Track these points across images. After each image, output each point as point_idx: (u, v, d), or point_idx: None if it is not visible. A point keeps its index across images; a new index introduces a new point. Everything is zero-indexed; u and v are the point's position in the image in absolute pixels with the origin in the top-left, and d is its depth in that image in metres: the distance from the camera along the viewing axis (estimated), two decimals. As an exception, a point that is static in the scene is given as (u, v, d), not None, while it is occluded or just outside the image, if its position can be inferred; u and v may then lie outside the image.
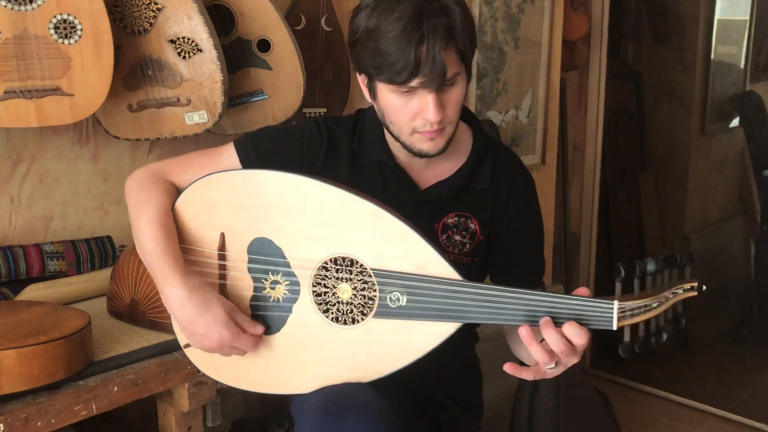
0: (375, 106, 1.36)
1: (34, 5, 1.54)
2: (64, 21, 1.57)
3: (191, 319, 1.23)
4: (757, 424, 2.86)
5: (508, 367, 1.15)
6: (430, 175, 1.43)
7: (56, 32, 1.57)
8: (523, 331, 1.13)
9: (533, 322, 1.15)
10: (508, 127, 2.75)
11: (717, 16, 3.38)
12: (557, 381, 2.22)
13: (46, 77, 1.58)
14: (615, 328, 1.11)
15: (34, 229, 1.83)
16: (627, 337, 1.14)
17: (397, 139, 1.35)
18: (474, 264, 1.45)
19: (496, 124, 2.65)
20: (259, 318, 1.31)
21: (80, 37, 1.59)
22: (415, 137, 1.31)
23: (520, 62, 2.76)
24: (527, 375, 1.17)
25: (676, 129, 3.47)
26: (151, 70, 1.76)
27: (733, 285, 3.48)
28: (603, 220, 3.43)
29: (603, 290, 3.40)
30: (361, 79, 1.35)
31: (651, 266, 1.13)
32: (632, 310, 1.11)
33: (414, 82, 1.23)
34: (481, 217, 1.43)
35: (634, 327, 1.12)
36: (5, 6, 1.51)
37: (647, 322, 1.14)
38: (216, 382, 1.55)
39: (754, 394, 3.08)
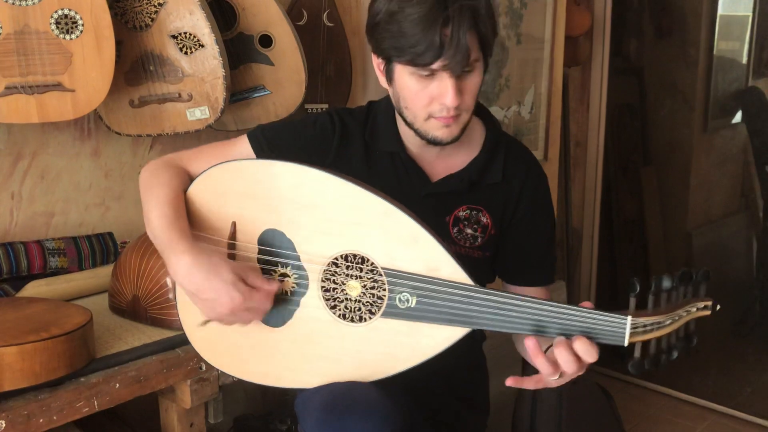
0: (390, 91, 1.35)
1: (36, 0, 1.53)
2: (66, 16, 1.56)
3: (199, 284, 1.19)
4: (759, 421, 2.85)
5: (511, 381, 1.14)
6: (442, 167, 1.42)
7: (57, 27, 1.56)
8: (530, 343, 1.12)
9: (541, 333, 1.14)
10: (511, 122, 2.75)
11: (719, 11, 3.37)
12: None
13: (48, 73, 1.57)
14: (626, 344, 1.09)
15: (36, 226, 1.82)
16: (637, 353, 1.11)
17: (410, 126, 1.34)
18: (486, 259, 1.44)
19: (498, 119, 2.65)
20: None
21: (81, 32, 1.58)
22: (431, 123, 1.30)
23: (522, 58, 2.75)
24: (529, 385, 1.16)
25: (679, 125, 3.47)
26: (152, 66, 1.75)
27: (736, 281, 3.48)
28: (605, 216, 3.43)
29: (605, 286, 3.40)
30: (378, 64, 1.34)
31: (666, 283, 1.11)
32: (645, 326, 1.09)
33: (436, 65, 1.22)
34: (493, 210, 1.42)
35: (645, 343, 1.10)
36: (6, 1, 1.50)
37: (659, 338, 1.12)
38: (218, 378, 1.55)
39: (756, 391, 3.08)
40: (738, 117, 3.48)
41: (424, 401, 1.45)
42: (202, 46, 1.74)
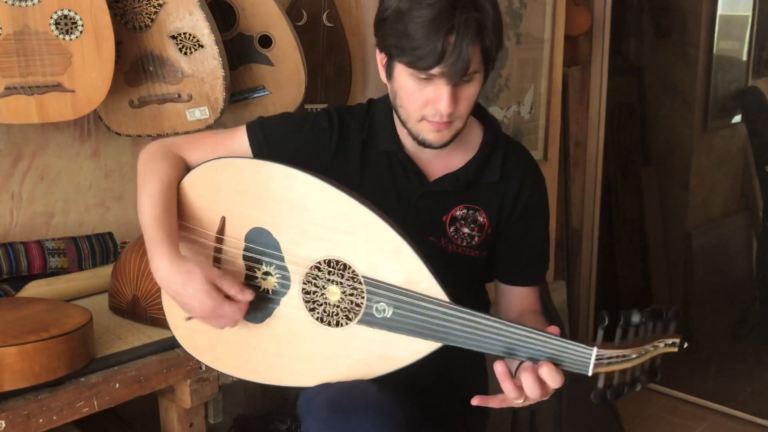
0: (389, 87, 1.36)
1: (35, 1, 1.53)
2: (65, 17, 1.57)
3: (174, 289, 1.24)
4: (758, 420, 2.86)
5: (477, 401, 1.17)
6: (439, 166, 1.42)
7: (57, 28, 1.56)
8: (499, 368, 1.14)
9: (510, 355, 1.16)
10: (510, 122, 2.75)
11: (719, 11, 3.37)
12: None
13: (47, 73, 1.57)
14: (590, 374, 1.12)
15: (36, 226, 1.82)
16: (601, 384, 1.14)
17: (404, 124, 1.35)
18: (483, 258, 1.45)
19: (498, 119, 2.65)
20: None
21: (81, 32, 1.58)
22: (423, 125, 1.31)
23: (522, 58, 2.76)
24: (494, 404, 1.18)
25: (678, 125, 3.47)
26: (152, 66, 1.75)
27: (735, 281, 3.48)
28: (605, 216, 3.43)
29: (605, 286, 3.40)
30: (380, 58, 1.35)
31: (635, 318, 1.13)
32: (609, 358, 1.11)
33: (435, 71, 1.23)
34: (490, 210, 1.43)
35: (609, 374, 1.12)
36: (6, 2, 1.51)
37: (623, 370, 1.13)
38: (218, 378, 1.55)
39: (755, 391, 3.08)
40: (738, 117, 3.48)
41: (424, 401, 1.45)
42: (202, 46, 1.74)
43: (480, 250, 1.44)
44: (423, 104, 1.28)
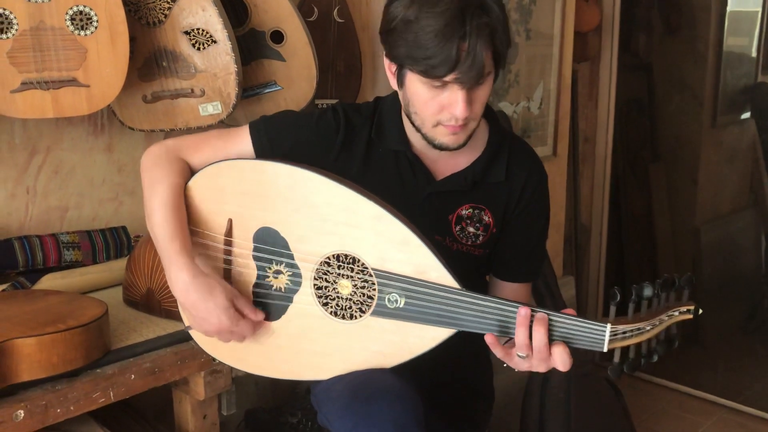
0: (400, 94, 1.36)
1: (51, -3, 1.55)
2: (80, 12, 1.58)
3: (194, 303, 1.26)
4: (766, 416, 2.86)
5: (489, 337, 1.19)
6: (446, 166, 1.43)
7: (72, 24, 1.58)
8: (522, 311, 1.16)
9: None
10: (520, 118, 2.75)
11: (728, 7, 3.36)
12: (568, 371, 2.23)
13: (63, 68, 1.59)
14: (605, 350, 1.13)
15: (50, 220, 1.84)
16: (617, 358, 1.15)
17: (418, 129, 1.35)
18: (486, 255, 1.46)
19: (508, 115, 2.65)
20: (261, 304, 1.34)
21: (96, 28, 1.60)
22: (438, 130, 1.31)
23: (531, 54, 2.76)
24: (497, 351, 1.20)
25: (687, 121, 3.46)
26: (165, 62, 1.77)
27: (744, 277, 3.48)
28: (614, 211, 3.43)
29: (613, 282, 3.41)
30: (389, 66, 1.34)
31: (647, 291, 1.15)
32: (624, 333, 1.13)
33: (449, 77, 1.23)
34: (495, 209, 1.44)
35: (624, 348, 1.14)
36: (22, -3, 1.52)
37: (638, 343, 1.15)
38: (231, 371, 1.57)
39: (764, 386, 3.08)
40: (747, 113, 3.48)
41: (431, 388, 1.46)
42: (215, 42, 1.76)
43: (484, 248, 1.45)
44: (438, 110, 1.28)
